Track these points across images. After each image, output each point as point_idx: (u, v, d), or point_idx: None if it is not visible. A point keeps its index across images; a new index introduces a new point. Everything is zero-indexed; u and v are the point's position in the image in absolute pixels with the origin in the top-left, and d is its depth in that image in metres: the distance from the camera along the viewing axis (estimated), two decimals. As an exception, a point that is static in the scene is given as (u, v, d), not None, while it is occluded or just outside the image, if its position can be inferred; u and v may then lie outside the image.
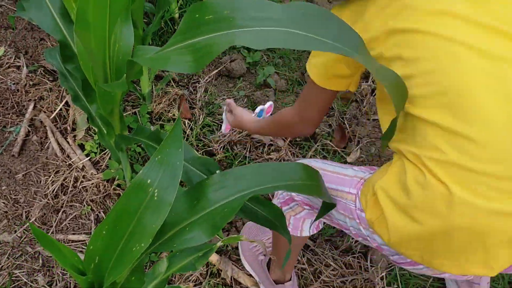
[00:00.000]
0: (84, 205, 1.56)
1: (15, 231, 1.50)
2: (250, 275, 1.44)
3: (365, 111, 1.82)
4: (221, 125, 1.76)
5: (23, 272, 1.43)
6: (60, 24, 1.27)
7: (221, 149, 1.72)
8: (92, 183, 1.60)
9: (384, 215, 0.86)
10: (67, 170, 1.62)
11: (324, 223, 1.28)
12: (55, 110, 1.76)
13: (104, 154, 1.67)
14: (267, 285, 1.38)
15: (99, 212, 1.56)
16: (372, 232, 0.94)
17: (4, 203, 1.56)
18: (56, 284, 1.41)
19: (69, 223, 1.54)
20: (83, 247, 1.48)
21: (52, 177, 1.61)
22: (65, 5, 1.17)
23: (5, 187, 1.60)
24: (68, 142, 1.68)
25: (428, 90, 0.78)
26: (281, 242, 1.27)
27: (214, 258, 1.45)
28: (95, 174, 1.61)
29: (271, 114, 1.41)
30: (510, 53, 0.76)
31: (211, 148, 1.72)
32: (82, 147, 1.69)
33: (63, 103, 1.77)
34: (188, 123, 1.74)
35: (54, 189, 1.58)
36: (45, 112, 1.77)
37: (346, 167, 1.06)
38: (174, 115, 1.75)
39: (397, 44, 0.81)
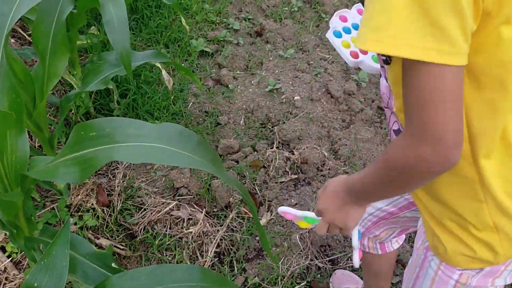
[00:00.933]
0: (7, 308, 1.59)
1: None
2: None
3: (273, 175, 1.97)
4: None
5: None
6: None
7: (142, 230, 1.81)
8: (15, 284, 1.63)
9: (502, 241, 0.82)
10: (-11, 274, 1.65)
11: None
12: (-25, 216, 1.80)
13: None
14: None
15: (23, 312, 1.58)
16: (476, 274, 0.88)
17: None
18: None
19: (-8, 328, 1.56)
20: None
21: (-26, 284, 1.64)
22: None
23: None
24: (-11, 246, 1.72)
25: None
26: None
27: None
28: (17, 275, 1.65)
29: None
30: None
31: (131, 231, 1.80)
32: (3, 249, 1.73)
33: (-18, 208, 1.82)
34: (106, 210, 1.83)
35: (-24, 296, 1.61)
36: (-35, 219, 1.81)
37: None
38: (92, 204, 1.83)
39: None
